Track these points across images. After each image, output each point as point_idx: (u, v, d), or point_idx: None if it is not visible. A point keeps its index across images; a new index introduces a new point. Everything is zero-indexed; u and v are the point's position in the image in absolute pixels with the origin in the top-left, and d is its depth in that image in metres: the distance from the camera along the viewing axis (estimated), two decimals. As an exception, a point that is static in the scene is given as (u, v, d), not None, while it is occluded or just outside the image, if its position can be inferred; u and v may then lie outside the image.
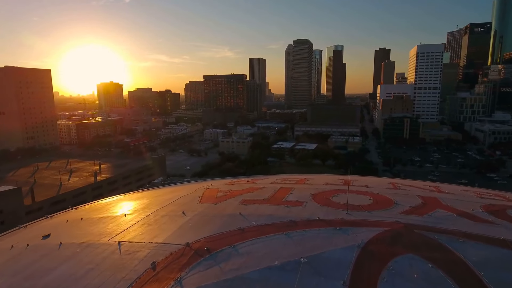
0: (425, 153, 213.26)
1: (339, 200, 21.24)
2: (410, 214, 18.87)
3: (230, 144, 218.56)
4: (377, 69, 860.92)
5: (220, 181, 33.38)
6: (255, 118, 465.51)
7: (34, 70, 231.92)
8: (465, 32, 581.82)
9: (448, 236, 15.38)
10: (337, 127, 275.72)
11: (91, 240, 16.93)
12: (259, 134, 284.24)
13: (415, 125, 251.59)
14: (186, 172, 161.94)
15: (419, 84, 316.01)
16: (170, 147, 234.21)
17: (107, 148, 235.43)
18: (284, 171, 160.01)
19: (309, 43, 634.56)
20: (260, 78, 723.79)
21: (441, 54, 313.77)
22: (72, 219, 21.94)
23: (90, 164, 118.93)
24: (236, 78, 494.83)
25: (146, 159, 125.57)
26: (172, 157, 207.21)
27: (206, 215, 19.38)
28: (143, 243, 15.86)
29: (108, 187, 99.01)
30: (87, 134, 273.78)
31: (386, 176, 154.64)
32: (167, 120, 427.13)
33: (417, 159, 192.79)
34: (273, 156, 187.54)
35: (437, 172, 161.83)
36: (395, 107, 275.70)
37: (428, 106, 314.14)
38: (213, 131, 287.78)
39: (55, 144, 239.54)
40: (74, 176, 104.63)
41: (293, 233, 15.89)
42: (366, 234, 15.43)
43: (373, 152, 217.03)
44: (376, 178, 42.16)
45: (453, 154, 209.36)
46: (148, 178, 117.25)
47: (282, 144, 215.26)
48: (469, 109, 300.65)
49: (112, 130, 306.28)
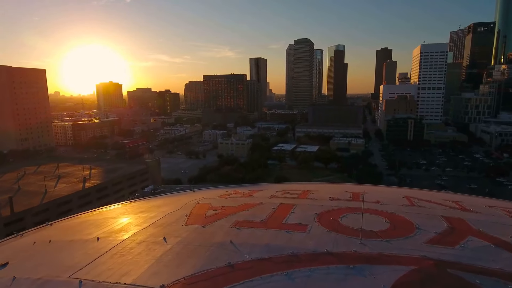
0: (430, 155, 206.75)
1: (349, 222, 18.12)
2: (438, 244, 15.54)
3: (229, 146, 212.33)
4: (379, 69, 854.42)
5: (213, 192, 30.25)
6: (255, 118, 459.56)
7: (29, 70, 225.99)
8: (468, 32, 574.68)
9: (492, 280, 12.51)
10: (339, 128, 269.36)
11: (49, 276, 14.38)
12: (259, 136, 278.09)
13: (420, 126, 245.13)
14: (183, 175, 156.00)
15: (423, 84, 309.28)
16: (167, 149, 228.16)
17: (103, 149, 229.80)
18: (285, 175, 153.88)
19: (310, 42, 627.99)
20: (260, 78, 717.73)
21: (446, 54, 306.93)
22: (40, 241, 19.50)
23: (81, 169, 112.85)
24: (236, 78, 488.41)
25: (140, 163, 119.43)
26: (169, 160, 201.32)
27: (190, 242, 16.43)
28: (107, 283, 12.99)
29: (96, 194, 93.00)
30: (83, 135, 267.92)
31: (390, 180, 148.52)
32: (166, 120, 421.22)
33: (423, 162, 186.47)
34: (273, 159, 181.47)
35: (444, 176, 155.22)
36: (398, 108, 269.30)
37: (432, 107, 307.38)
38: (212, 132, 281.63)
39: (50, 145, 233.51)
40: (61, 182, 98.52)
41: (295, 273, 12.81)
42: (388, 276, 12.44)
43: (376, 154, 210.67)
44: (387, 189, 37.78)
45: (459, 156, 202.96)
46: (142, 183, 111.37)
47: (282, 146, 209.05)
48: (474, 110, 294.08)
49: (109, 131, 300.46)
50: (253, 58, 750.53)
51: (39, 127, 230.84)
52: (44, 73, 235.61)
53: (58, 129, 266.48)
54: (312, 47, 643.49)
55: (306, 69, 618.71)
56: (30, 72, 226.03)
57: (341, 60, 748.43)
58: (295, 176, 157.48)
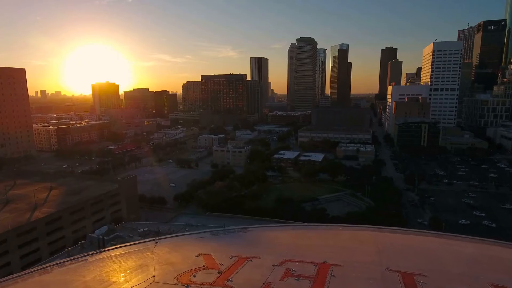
0: (448, 165, 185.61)
1: None
2: None
3: (225, 153, 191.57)
4: (384, 69, 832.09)
5: (175, 257, 19.26)
6: (255, 120, 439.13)
7: (5, 69, 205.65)
8: (478, 30, 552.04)
9: None
10: (345, 132, 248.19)
11: None
12: (258, 141, 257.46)
13: (434, 131, 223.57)
14: (170, 190, 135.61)
15: (435, 85, 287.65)
16: (158, 156, 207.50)
17: (87, 156, 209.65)
18: (287, 192, 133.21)
19: (313, 41, 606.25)
20: (262, 78, 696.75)
21: (460, 52, 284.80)
22: None
23: (40, 189, 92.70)
24: (236, 78, 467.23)
25: (113, 182, 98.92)
26: (158, 169, 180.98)
27: None
28: None
29: (45, 228, 72.63)
30: (69, 140, 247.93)
31: (409, 197, 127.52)
32: (162, 123, 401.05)
33: (442, 173, 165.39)
34: (273, 169, 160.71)
35: (471, 192, 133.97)
36: (410, 111, 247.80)
37: (445, 110, 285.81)
38: (208, 137, 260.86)
39: (30, 152, 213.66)
40: (5, 211, 78.18)
41: None
42: None
43: (388, 162, 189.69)
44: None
45: (481, 166, 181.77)
46: (112, 207, 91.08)
47: (284, 154, 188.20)
48: (491, 113, 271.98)
49: (99, 135, 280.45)
50: (254, 57, 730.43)
51: (17, 132, 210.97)
52: (23, 72, 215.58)
53: (42, 134, 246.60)
54: (315, 46, 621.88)
55: (308, 69, 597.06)
56: (7, 71, 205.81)
57: (345, 60, 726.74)
58: (298, 191, 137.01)
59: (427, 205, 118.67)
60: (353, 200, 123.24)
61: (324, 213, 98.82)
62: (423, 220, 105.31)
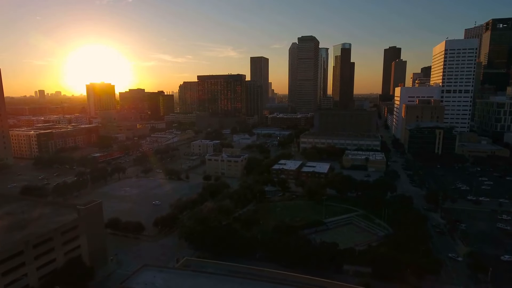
0: (468, 176, 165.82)
1: None
2: None
3: (219, 163, 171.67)
4: (387, 69, 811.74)
5: None
6: (255, 123, 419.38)
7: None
8: (486, 29, 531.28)
9: None
10: (351, 138, 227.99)
11: None
12: (257, 146, 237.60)
13: (450, 138, 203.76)
14: (152, 211, 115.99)
15: (447, 87, 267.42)
16: (146, 165, 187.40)
17: (67, 165, 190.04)
18: (289, 211, 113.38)
19: (315, 40, 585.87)
20: (262, 78, 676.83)
21: (475, 51, 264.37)
22: None
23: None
24: (234, 79, 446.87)
25: (72, 210, 79.28)
26: (143, 182, 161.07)
27: None
28: None
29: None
30: (52, 146, 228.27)
31: (432, 219, 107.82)
32: (156, 125, 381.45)
33: (464, 188, 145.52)
34: (273, 183, 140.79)
35: (504, 214, 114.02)
36: (422, 114, 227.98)
37: (458, 113, 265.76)
38: (202, 142, 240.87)
39: (6, 160, 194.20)
40: None
41: None
42: None
43: (401, 174, 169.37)
44: None
45: (506, 178, 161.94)
46: (65, 247, 71.31)
47: (285, 164, 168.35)
48: (508, 116, 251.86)
49: (85, 140, 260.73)
50: (254, 57, 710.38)
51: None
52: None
53: (22, 139, 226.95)
54: (317, 45, 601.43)
55: (310, 68, 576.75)
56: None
57: (348, 59, 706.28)
58: (301, 211, 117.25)
59: (456, 233, 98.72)
60: (367, 225, 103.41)
61: (335, 249, 79.00)
62: (455, 255, 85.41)
